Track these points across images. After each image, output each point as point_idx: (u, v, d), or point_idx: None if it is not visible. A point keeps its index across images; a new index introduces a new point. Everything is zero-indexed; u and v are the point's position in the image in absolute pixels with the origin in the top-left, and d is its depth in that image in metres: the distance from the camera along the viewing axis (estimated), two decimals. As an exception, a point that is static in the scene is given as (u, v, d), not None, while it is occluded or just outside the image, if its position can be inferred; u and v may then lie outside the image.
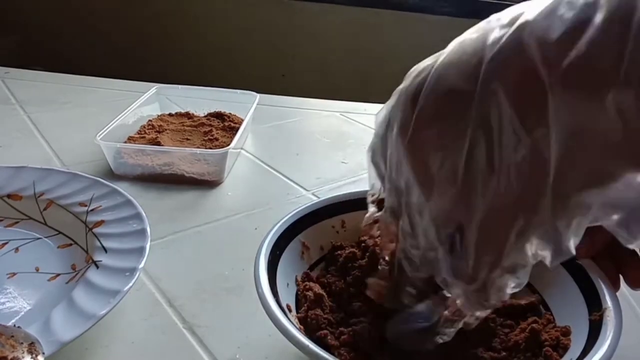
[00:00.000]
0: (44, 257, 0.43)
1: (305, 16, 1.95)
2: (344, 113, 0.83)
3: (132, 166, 0.58)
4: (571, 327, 0.31)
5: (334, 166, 0.65)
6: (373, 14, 1.89)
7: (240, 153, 0.67)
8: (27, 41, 2.04)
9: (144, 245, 0.40)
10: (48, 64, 1.13)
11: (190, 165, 0.59)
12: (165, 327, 0.38)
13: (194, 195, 0.56)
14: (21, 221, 0.47)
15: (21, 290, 0.39)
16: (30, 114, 0.75)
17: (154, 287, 0.42)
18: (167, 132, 0.66)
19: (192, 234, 0.50)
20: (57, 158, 0.63)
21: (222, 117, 0.71)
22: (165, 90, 0.75)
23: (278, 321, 0.28)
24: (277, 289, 0.32)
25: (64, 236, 0.46)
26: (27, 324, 0.33)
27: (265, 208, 0.55)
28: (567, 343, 0.30)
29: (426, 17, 1.84)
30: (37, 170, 0.51)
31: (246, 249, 0.45)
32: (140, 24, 2.03)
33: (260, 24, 1.98)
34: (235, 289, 0.42)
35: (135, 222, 0.44)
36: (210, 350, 0.36)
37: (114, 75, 0.91)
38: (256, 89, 0.75)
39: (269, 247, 0.34)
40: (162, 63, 1.98)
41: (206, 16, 2.00)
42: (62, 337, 0.32)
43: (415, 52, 1.62)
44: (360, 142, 0.73)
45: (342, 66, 1.96)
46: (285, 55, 2.00)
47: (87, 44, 2.04)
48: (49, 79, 0.89)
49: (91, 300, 0.35)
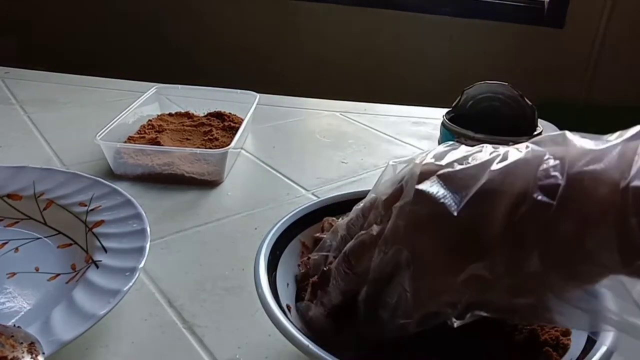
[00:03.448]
0: (44, 257, 0.43)
1: (305, 16, 1.95)
2: (344, 113, 0.83)
3: (132, 166, 0.58)
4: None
5: (334, 166, 0.65)
6: (373, 14, 1.89)
7: (240, 153, 0.67)
8: (27, 41, 2.04)
9: (144, 245, 0.40)
10: (48, 64, 1.13)
11: (190, 165, 0.59)
12: (165, 327, 0.38)
13: (194, 195, 0.56)
14: (21, 221, 0.47)
15: (21, 290, 0.39)
16: (30, 114, 0.75)
17: (154, 287, 0.42)
18: (167, 132, 0.66)
19: (192, 234, 0.50)
20: (57, 158, 0.63)
21: (222, 117, 0.71)
22: (165, 90, 0.75)
23: (278, 321, 0.28)
24: (277, 289, 0.32)
25: (64, 236, 0.46)
26: (27, 323, 0.33)
27: (265, 208, 0.55)
28: (567, 343, 0.30)
29: (426, 17, 1.85)
30: (37, 170, 0.51)
31: (246, 249, 0.45)
32: (141, 23, 2.03)
33: (260, 24, 1.98)
34: (235, 289, 0.42)
35: (135, 222, 0.44)
36: (210, 350, 0.36)
37: (114, 75, 0.91)
38: (256, 89, 0.75)
39: (269, 247, 0.34)
40: (162, 63, 1.98)
41: (206, 16, 2.00)
42: (62, 337, 0.32)
43: (415, 52, 1.63)
44: (360, 142, 0.73)
45: (342, 66, 1.96)
46: (285, 55, 2.00)
47: (87, 44, 2.04)
48: (49, 79, 0.89)
49: (91, 300, 0.35)
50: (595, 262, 0.21)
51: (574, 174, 0.22)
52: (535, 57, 1.82)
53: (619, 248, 0.20)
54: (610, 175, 0.21)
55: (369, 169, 0.65)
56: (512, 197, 0.23)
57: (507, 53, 1.83)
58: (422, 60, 1.88)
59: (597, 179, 0.21)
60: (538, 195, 0.22)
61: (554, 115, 0.88)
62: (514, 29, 1.80)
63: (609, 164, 0.21)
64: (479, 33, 1.82)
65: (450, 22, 1.83)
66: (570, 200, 0.21)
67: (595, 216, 0.21)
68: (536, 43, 1.81)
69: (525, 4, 1.81)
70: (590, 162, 0.22)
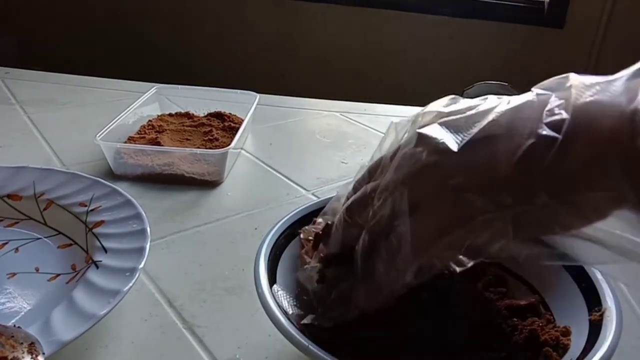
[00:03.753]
0: (44, 257, 0.43)
1: (305, 16, 1.95)
2: (343, 113, 0.83)
3: (132, 166, 0.58)
4: (571, 327, 0.31)
5: (333, 166, 0.65)
6: (373, 14, 1.89)
7: (240, 153, 0.67)
8: (27, 41, 2.04)
9: (144, 246, 0.40)
10: (48, 64, 1.13)
11: (190, 165, 0.59)
12: (165, 327, 0.38)
13: (194, 195, 0.56)
14: (21, 221, 0.47)
15: (21, 290, 0.39)
16: (30, 114, 0.75)
17: (154, 287, 0.42)
18: (167, 132, 0.66)
19: (192, 234, 0.50)
20: (57, 158, 0.63)
21: (222, 117, 0.71)
22: (165, 90, 0.75)
23: (278, 321, 0.28)
24: None
25: (64, 236, 0.46)
26: (27, 324, 0.33)
27: (265, 208, 0.55)
28: (567, 343, 0.30)
29: (426, 17, 1.85)
30: (37, 171, 0.51)
31: (246, 249, 0.45)
32: (140, 24, 2.02)
33: (260, 24, 1.98)
34: (235, 289, 0.42)
35: (135, 222, 0.44)
36: (210, 350, 0.36)
37: (114, 75, 0.91)
38: (256, 89, 0.75)
39: (269, 247, 0.34)
40: (162, 63, 1.98)
41: (206, 16, 2.00)
42: (62, 337, 0.32)
43: (415, 52, 1.64)
44: (360, 142, 0.73)
45: (342, 66, 1.96)
46: (285, 55, 2.00)
47: (87, 43, 2.04)
48: (49, 79, 0.89)
49: (91, 300, 0.35)
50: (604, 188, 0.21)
51: (580, 105, 0.22)
52: (535, 57, 1.82)
53: (628, 171, 0.20)
54: (617, 103, 0.21)
55: (369, 169, 0.65)
56: (517, 138, 0.22)
57: (507, 53, 1.83)
58: (422, 60, 1.88)
59: (604, 108, 0.21)
60: (543, 131, 0.22)
61: (554, 115, 0.88)
62: (514, 29, 1.80)
63: (615, 92, 0.21)
64: (479, 33, 1.82)
65: (450, 22, 1.83)
66: (577, 132, 0.21)
67: (603, 142, 0.21)
68: (536, 43, 1.81)
69: (525, 4, 1.81)
70: (595, 93, 0.22)
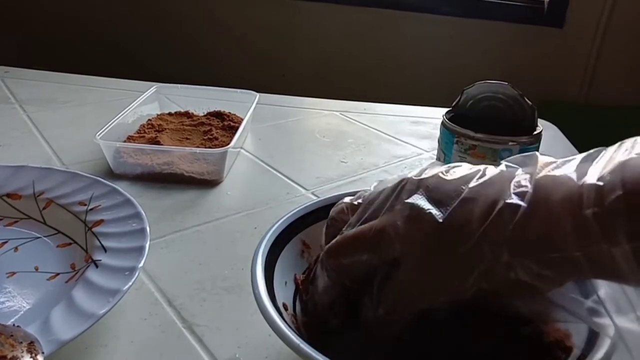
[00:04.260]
0: (43, 257, 0.43)
1: (305, 16, 1.95)
2: (343, 113, 0.83)
3: (132, 165, 0.58)
4: (571, 327, 0.31)
5: (333, 165, 0.65)
6: (373, 14, 1.89)
7: (240, 152, 0.67)
8: (27, 41, 2.04)
9: (144, 245, 0.40)
10: (48, 64, 1.13)
11: (190, 164, 0.59)
12: (165, 326, 0.38)
13: (194, 195, 0.56)
14: (20, 220, 0.47)
15: (20, 289, 0.39)
16: (30, 113, 0.75)
17: (154, 286, 0.42)
18: (166, 131, 0.66)
19: (192, 233, 0.50)
20: (57, 157, 0.63)
21: (222, 116, 0.71)
22: (165, 89, 0.75)
23: (272, 320, 0.28)
24: (274, 288, 0.32)
25: (64, 235, 0.46)
26: (26, 323, 0.33)
27: (264, 207, 0.55)
28: (568, 344, 0.30)
29: (426, 17, 1.85)
30: (36, 170, 0.51)
31: (246, 249, 0.45)
32: (141, 24, 2.02)
33: (260, 24, 1.98)
34: (235, 289, 0.42)
35: (134, 221, 0.44)
36: (210, 349, 0.36)
37: (114, 75, 0.91)
38: (256, 89, 0.75)
39: (267, 247, 0.34)
40: (162, 63, 1.98)
41: (206, 16, 2.00)
42: (61, 336, 0.32)
43: (415, 52, 1.63)
44: (360, 141, 0.73)
45: (342, 66, 1.96)
46: (285, 55, 2.00)
47: (87, 43, 2.04)
48: (49, 79, 0.89)
49: (90, 299, 0.35)
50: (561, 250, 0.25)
51: (539, 179, 0.26)
52: (535, 57, 1.82)
53: (577, 235, 0.24)
54: (569, 179, 0.25)
55: (368, 169, 0.65)
56: (488, 203, 0.27)
57: (507, 53, 1.83)
58: (422, 60, 1.88)
59: (558, 182, 0.26)
60: (510, 199, 0.26)
61: (554, 115, 0.88)
62: (514, 29, 1.80)
63: (568, 171, 0.26)
64: (479, 33, 1.82)
65: (450, 22, 1.83)
66: (537, 201, 0.26)
67: (557, 211, 0.25)
68: (536, 43, 1.81)
69: (525, 4, 1.81)
70: (553, 169, 0.27)
